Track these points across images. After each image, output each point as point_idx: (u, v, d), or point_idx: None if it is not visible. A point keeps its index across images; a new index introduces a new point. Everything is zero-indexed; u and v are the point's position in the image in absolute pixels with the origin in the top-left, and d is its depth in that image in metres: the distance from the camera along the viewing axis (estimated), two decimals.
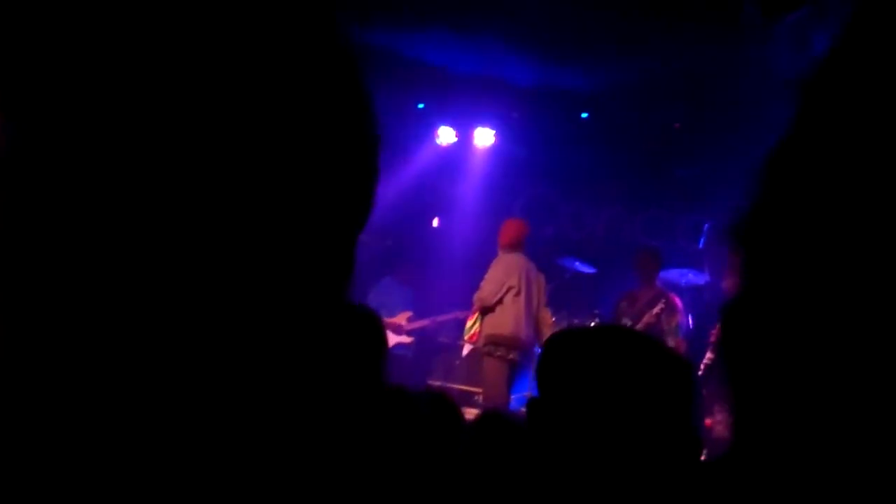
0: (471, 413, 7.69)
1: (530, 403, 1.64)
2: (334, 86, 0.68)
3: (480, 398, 7.96)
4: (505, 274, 7.56)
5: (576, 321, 9.27)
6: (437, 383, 9.60)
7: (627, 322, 8.00)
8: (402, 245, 10.27)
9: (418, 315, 9.50)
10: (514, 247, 7.65)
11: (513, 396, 9.61)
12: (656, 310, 7.79)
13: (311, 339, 0.67)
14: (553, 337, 1.70)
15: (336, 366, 0.70)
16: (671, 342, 7.75)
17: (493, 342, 7.47)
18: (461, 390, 9.05)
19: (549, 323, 7.94)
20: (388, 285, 9.74)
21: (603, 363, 1.55)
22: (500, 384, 7.64)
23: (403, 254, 10.07)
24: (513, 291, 7.52)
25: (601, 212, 10.69)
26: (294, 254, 0.64)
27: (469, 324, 7.81)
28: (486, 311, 7.53)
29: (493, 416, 2.35)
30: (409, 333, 9.44)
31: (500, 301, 7.52)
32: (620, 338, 1.63)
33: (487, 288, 7.54)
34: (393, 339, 9.33)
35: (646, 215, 10.43)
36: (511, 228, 7.80)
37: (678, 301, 7.94)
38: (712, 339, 7.15)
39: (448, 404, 2.74)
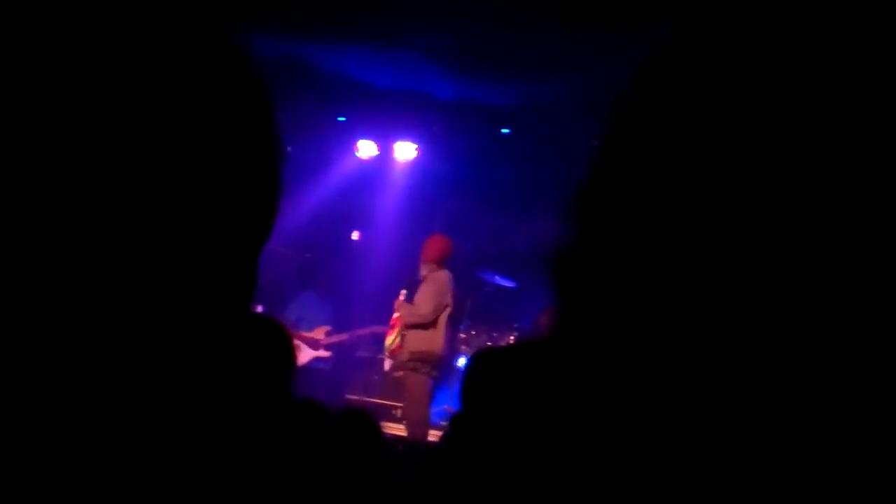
0: (390, 428, 7.67)
1: (453, 419, 1.65)
2: (235, 104, 0.67)
3: (399, 412, 7.89)
4: (441, 293, 7.53)
5: (495, 335, 9.32)
6: (356, 397, 9.55)
7: None
8: (322, 258, 10.20)
9: (337, 329, 9.44)
10: (441, 263, 7.63)
11: (432, 410, 9.61)
12: None
13: (210, 352, 0.66)
14: (478, 354, 1.73)
15: (237, 379, 0.69)
16: None
17: (420, 359, 7.41)
18: (380, 404, 9.01)
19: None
20: (307, 299, 9.66)
21: (523, 380, 1.57)
22: (424, 400, 7.60)
23: (323, 267, 10.00)
24: (447, 310, 7.52)
25: (521, 226, 10.75)
26: (193, 267, 0.63)
27: (390, 339, 7.72)
28: (413, 326, 7.47)
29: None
30: (327, 348, 9.36)
31: (434, 320, 7.50)
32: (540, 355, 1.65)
33: (427, 306, 7.46)
34: (311, 353, 9.24)
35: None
36: (438, 244, 7.74)
37: None
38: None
39: (367, 421, 2.70)
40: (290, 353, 3.13)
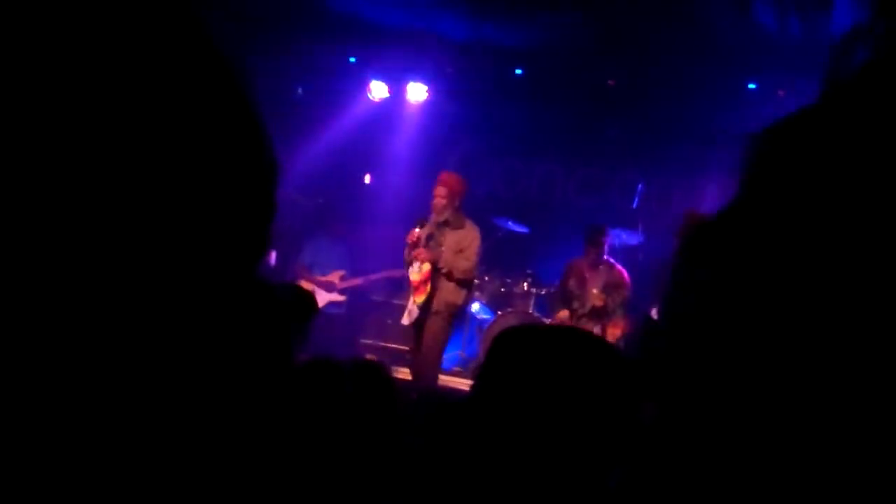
0: (403, 373, 7.66)
1: (476, 397, 1.63)
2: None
3: (410, 356, 7.77)
4: (480, 248, 7.29)
5: (508, 280, 9.26)
6: (370, 341, 9.54)
7: (577, 305, 7.89)
8: (335, 202, 10.12)
9: (351, 273, 9.40)
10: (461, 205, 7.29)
11: (445, 356, 9.61)
12: (598, 301, 7.71)
13: (216, 318, 0.65)
14: (506, 334, 1.71)
15: (242, 346, 0.69)
16: (619, 314, 7.69)
17: (448, 310, 7.21)
18: (394, 349, 9.00)
19: None
20: (320, 243, 9.61)
21: (551, 364, 1.57)
22: (442, 346, 7.48)
23: (336, 211, 9.93)
24: None
25: (535, 170, 10.64)
26: (202, 234, 0.62)
27: (422, 297, 7.21)
28: (460, 281, 7.14)
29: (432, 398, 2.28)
30: (341, 292, 9.34)
31: None
32: (571, 340, 1.64)
33: (474, 262, 7.20)
34: (325, 297, 9.22)
35: (579, 174, 10.40)
36: (461, 183, 7.29)
37: (625, 275, 7.86)
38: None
39: (379, 376, 2.65)
40: (306, 313, 3.07)
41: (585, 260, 7.95)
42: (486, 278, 9.36)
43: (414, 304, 7.19)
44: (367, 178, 11.16)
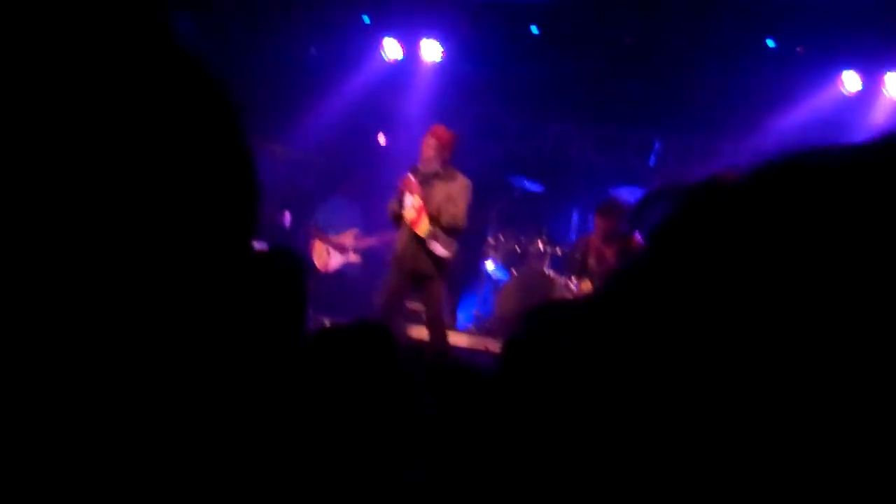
0: (419, 331, 7.68)
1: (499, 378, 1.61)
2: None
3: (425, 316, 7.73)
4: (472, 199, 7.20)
5: (523, 239, 9.24)
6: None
7: (598, 282, 7.80)
8: (349, 162, 10.09)
9: (365, 233, 9.40)
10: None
11: (459, 315, 9.62)
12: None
13: (215, 292, 0.66)
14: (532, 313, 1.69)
15: (244, 313, 0.69)
16: None
17: (444, 268, 7.21)
18: (410, 308, 9.01)
19: None
20: (334, 204, 9.61)
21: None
22: (443, 303, 7.47)
23: (349, 171, 9.91)
24: None
25: (550, 129, 10.57)
26: (192, 207, 0.63)
27: (425, 228, 7.03)
28: (448, 230, 7.06)
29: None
30: (355, 252, 9.35)
31: None
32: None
33: (463, 210, 7.10)
34: (340, 258, 9.23)
35: (595, 132, 10.32)
36: (452, 137, 7.19)
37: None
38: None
39: (386, 341, 2.64)
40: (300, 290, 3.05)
41: (599, 235, 7.83)
42: (501, 237, 9.34)
43: (425, 236, 7.11)
44: (382, 139, 11.11)
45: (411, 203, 7.09)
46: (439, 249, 7.07)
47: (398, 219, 7.25)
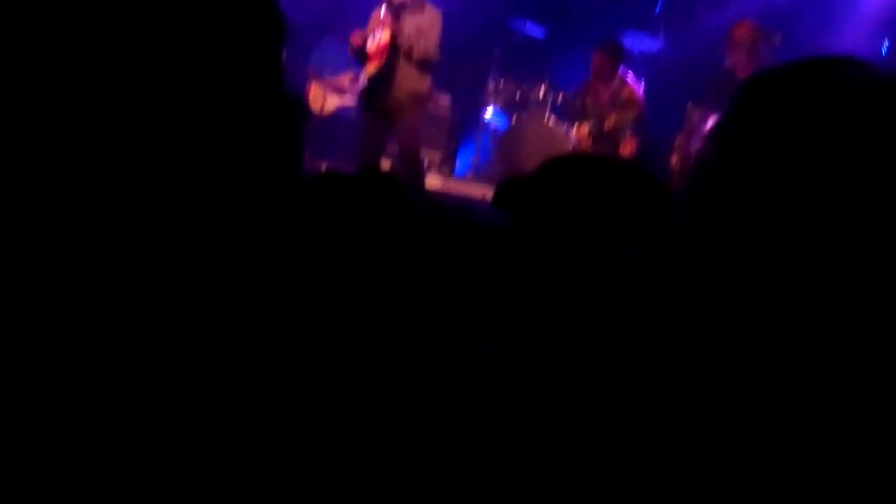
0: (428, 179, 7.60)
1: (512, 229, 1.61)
2: None
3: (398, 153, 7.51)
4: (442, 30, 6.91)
5: (524, 86, 9.06)
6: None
7: (592, 126, 7.71)
8: (342, 1, 9.77)
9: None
10: None
11: (457, 162, 9.55)
12: (607, 124, 7.50)
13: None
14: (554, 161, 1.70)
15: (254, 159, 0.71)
16: (627, 139, 7.52)
17: (418, 102, 6.99)
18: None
19: None
20: (329, 44, 9.36)
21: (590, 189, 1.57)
22: (419, 139, 7.32)
23: (346, 11, 9.60)
24: None
25: None
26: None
27: (374, 67, 6.86)
28: (419, 62, 6.79)
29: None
30: (353, 94, 9.17)
31: None
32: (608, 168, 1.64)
33: (435, 43, 6.82)
34: (337, 100, 9.06)
35: None
36: None
37: (637, 93, 7.61)
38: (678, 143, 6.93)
39: (392, 186, 2.57)
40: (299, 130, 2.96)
41: (595, 73, 7.73)
42: (501, 83, 9.15)
43: (365, 74, 6.99)
44: None
45: (376, 37, 6.87)
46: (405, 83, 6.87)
47: (361, 55, 7.02)
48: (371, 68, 6.92)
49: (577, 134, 7.83)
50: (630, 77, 7.75)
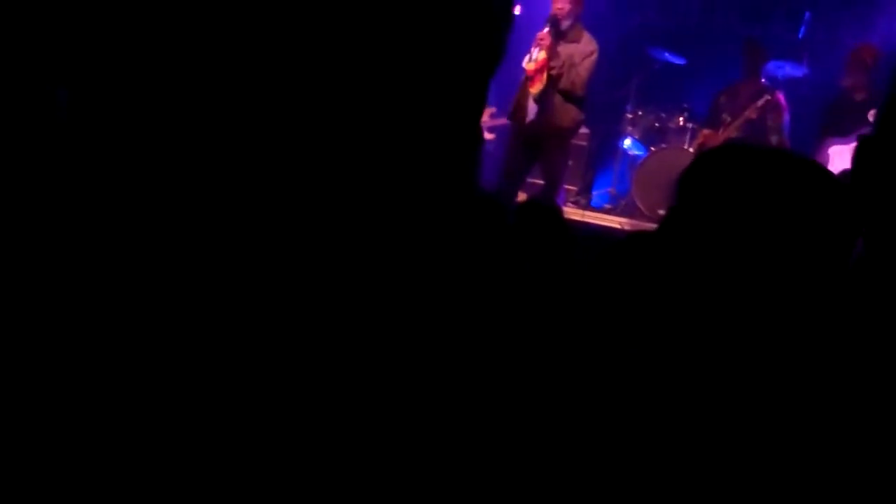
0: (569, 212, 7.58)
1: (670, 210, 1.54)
2: None
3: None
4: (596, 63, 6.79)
5: (663, 115, 8.96)
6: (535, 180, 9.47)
7: (727, 118, 7.63)
8: None
9: (500, 112, 9.28)
10: None
11: (594, 193, 9.49)
12: (760, 103, 7.34)
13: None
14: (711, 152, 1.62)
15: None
16: (774, 140, 7.39)
17: (564, 135, 6.91)
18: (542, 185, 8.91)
19: None
20: None
21: (762, 182, 1.45)
22: (562, 173, 7.31)
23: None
24: None
25: None
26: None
27: (537, 89, 6.70)
28: (566, 94, 6.69)
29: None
30: (490, 130, 9.25)
31: None
32: (782, 160, 1.52)
33: (585, 77, 6.70)
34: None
35: (742, 1, 9.81)
36: None
37: (782, 98, 7.49)
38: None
39: (548, 212, 2.60)
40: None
41: (741, 80, 7.66)
42: (640, 113, 9.07)
43: (531, 98, 6.83)
44: (517, 8, 10.85)
45: (534, 57, 6.77)
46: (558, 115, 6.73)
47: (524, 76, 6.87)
48: (533, 89, 6.82)
49: (700, 138, 7.75)
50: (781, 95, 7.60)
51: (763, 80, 7.60)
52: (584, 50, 6.71)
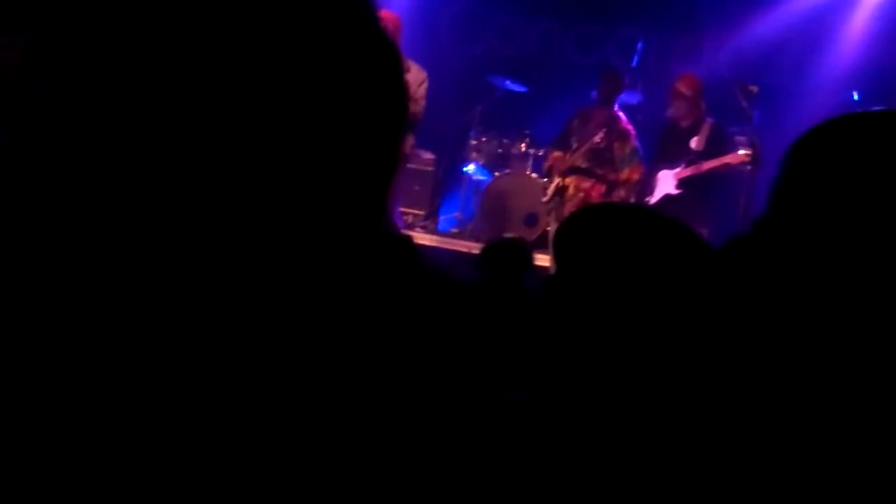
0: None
1: (548, 280, 1.60)
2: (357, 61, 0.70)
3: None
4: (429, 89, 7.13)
5: (505, 141, 9.18)
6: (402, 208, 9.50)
7: (574, 143, 7.77)
8: None
9: None
10: None
11: (441, 218, 9.61)
12: (598, 137, 7.55)
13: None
14: (575, 215, 1.68)
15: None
16: (627, 172, 7.55)
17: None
18: (416, 214, 8.98)
19: None
20: None
21: (624, 241, 1.53)
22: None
23: None
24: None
25: (532, 27, 10.38)
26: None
27: None
28: None
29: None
30: None
31: None
32: (639, 218, 1.61)
33: (422, 105, 7.01)
34: None
35: (578, 31, 10.16)
36: (399, 22, 7.12)
37: (629, 127, 7.68)
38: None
39: (401, 242, 2.64)
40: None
41: (593, 105, 7.86)
42: (484, 139, 9.27)
43: None
44: None
45: None
46: None
47: None
48: None
49: (550, 160, 7.91)
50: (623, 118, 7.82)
51: (616, 109, 7.76)
52: (413, 78, 6.88)
